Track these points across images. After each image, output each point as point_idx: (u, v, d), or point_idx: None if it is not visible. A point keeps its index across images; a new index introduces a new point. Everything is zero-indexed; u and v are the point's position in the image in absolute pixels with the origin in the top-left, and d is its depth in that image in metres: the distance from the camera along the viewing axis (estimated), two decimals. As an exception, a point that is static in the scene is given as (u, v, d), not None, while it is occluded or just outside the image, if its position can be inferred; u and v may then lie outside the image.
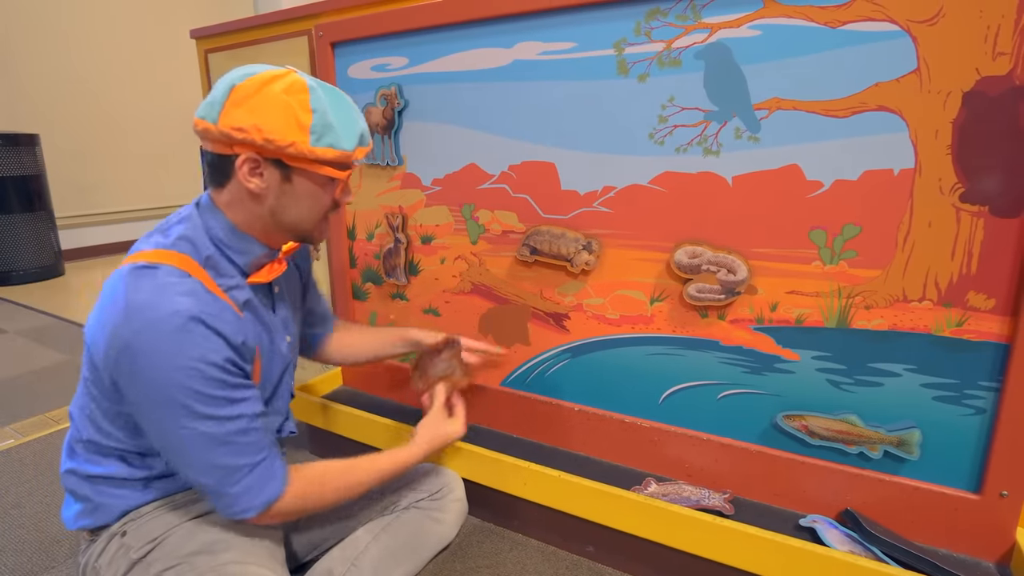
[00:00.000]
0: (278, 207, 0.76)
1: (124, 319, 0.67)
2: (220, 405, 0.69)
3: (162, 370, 0.66)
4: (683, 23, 0.90)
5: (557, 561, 1.06)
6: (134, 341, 0.66)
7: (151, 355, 0.66)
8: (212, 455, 0.70)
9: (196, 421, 0.68)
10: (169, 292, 0.67)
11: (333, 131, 0.72)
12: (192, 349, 0.66)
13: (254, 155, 0.71)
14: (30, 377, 1.98)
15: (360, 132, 0.76)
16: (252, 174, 0.73)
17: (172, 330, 0.66)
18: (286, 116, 0.69)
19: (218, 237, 0.76)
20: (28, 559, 1.09)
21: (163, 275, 0.69)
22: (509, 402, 1.21)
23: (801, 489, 0.95)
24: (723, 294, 0.94)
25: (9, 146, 3.15)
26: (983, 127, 0.75)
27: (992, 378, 0.80)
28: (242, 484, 0.71)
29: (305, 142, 0.70)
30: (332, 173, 0.75)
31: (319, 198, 0.77)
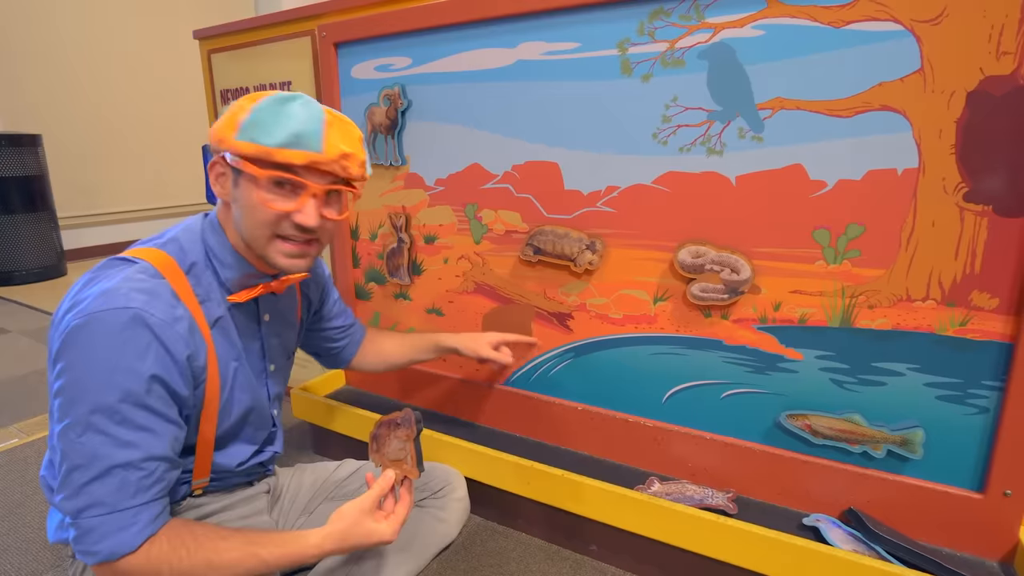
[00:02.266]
0: (236, 216, 0.74)
1: (75, 302, 0.65)
2: (121, 425, 0.62)
3: (88, 363, 0.61)
4: (686, 23, 0.90)
5: (560, 560, 1.06)
6: (75, 325, 0.62)
7: (84, 345, 0.62)
8: (82, 474, 0.61)
9: (88, 431, 0.61)
10: (129, 287, 0.65)
11: (259, 126, 0.68)
12: (126, 352, 0.62)
13: (219, 159, 0.72)
14: (33, 377, 1.99)
15: (295, 131, 0.68)
16: (218, 179, 0.74)
17: (115, 325, 0.62)
18: (230, 115, 0.70)
19: (211, 247, 0.76)
20: (33, 558, 1.09)
21: (134, 271, 0.68)
22: (513, 401, 1.21)
23: (805, 488, 0.95)
24: (726, 294, 0.94)
25: (12, 146, 3.15)
26: (987, 127, 0.75)
27: (996, 377, 0.80)
28: (97, 520, 0.62)
29: (231, 137, 0.69)
30: (251, 169, 0.69)
31: (255, 204, 0.71)
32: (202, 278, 0.74)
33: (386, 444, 0.86)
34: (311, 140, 0.69)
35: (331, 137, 0.70)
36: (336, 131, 0.72)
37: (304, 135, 0.68)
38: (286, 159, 0.68)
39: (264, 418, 0.87)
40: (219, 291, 0.76)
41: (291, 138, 0.68)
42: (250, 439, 0.85)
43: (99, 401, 0.61)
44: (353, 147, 0.73)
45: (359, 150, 0.75)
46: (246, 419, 0.82)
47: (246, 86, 1.53)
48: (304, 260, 0.76)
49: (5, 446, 1.51)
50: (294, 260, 0.75)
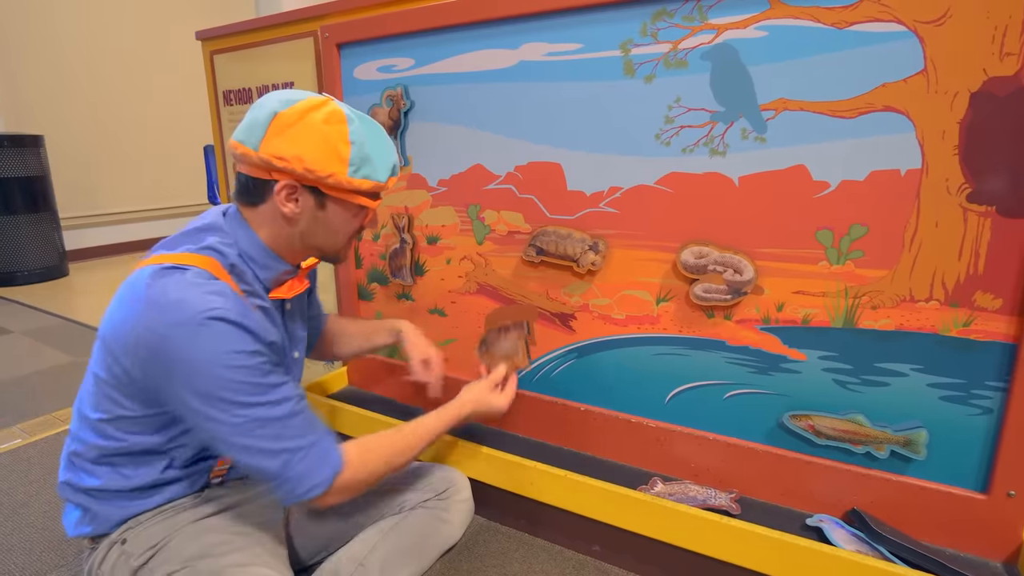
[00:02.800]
0: (308, 231, 0.79)
1: (156, 316, 0.67)
2: (264, 391, 0.70)
3: (203, 365, 0.67)
4: (689, 24, 0.90)
5: (563, 561, 1.07)
6: (170, 338, 0.66)
7: (190, 351, 0.66)
8: (269, 441, 0.70)
9: (248, 409, 0.69)
10: (199, 290, 0.68)
11: (370, 163, 0.75)
12: (226, 344, 0.67)
13: (292, 182, 0.74)
14: (36, 377, 1.99)
15: (393, 164, 0.79)
16: (288, 199, 0.76)
17: (206, 326, 0.66)
18: (326, 147, 0.73)
19: (245, 250, 0.78)
20: (37, 558, 1.10)
21: (192, 276, 0.70)
22: (516, 402, 1.21)
23: (808, 489, 0.95)
24: (729, 294, 0.94)
25: (14, 147, 3.16)
26: (990, 127, 0.76)
27: (999, 378, 0.81)
28: (303, 465, 0.72)
29: (344, 173, 0.74)
30: (365, 203, 0.78)
31: (349, 224, 0.81)
32: (243, 278, 0.78)
33: (495, 345, 1.08)
34: (397, 167, 0.81)
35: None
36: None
37: (396, 165, 0.80)
38: (390, 187, 0.81)
39: None
40: (260, 289, 0.81)
41: (392, 170, 0.80)
42: None
43: (232, 386, 0.68)
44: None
45: None
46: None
47: (248, 87, 1.54)
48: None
49: (8, 446, 1.51)
50: (350, 252, 0.88)
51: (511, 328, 1.08)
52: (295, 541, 0.94)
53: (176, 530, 0.78)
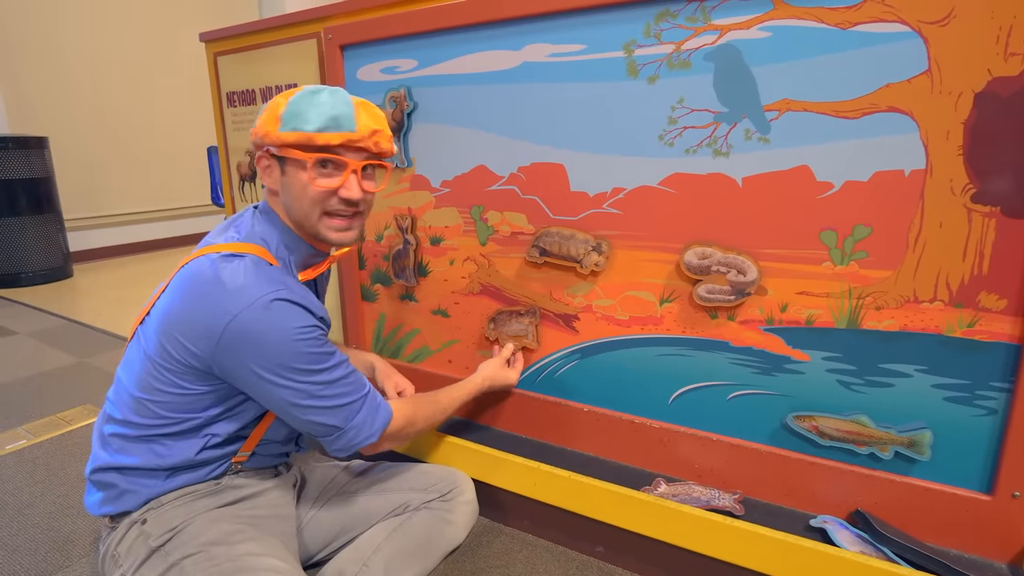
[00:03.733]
0: (286, 203, 0.84)
1: (227, 299, 0.74)
2: (326, 359, 0.79)
3: (273, 342, 0.74)
4: (693, 25, 0.90)
5: (567, 561, 1.07)
6: (242, 319, 0.73)
7: (261, 331, 0.74)
8: (332, 400, 0.79)
9: (313, 375, 0.77)
10: (262, 275, 0.76)
11: (300, 116, 0.77)
12: (292, 321, 0.75)
13: (264, 153, 0.82)
14: (40, 379, 2.00)
15: (330, 115, 0.78)
16: (265, 173, 0.84)
17: (272, 308, 0.74)
18: (269, 111, 0.80)
19: (276, 235, 0.85)
20: (43, 558, 1.10)
21: (251, 262, 0.77)
22: (519, 403, 1.22)
23: (811, 490, 0.95)
24: (733, 295, 0.94)
25: (18, 149, 3.17)
26: (994, 128, 0.75)
27: (1004, 379, 0.80)
28: (360, 415, 0.82)
29: (275, 129, 0.78)
30: (297, 155, 0.79)
31: (303, 186, 0.81)
32: (283, 262, 0.85)
33: (506, 324, 1.19)
34: (345, 121, 0.78)
35: (361, 117, 0.80)
36: (364, 111, 0.81)
37: (338, 117, 0.78)
38: (326, 141, 0.78)
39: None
40: (293, 271, 0.87)
41: (328, 121, 0.77)
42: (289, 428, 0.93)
43: (303, 358, 0.76)
44: (381, 124, 0.83)
45: (386, 127, 0.84)
46: None
47: (252, 88, 1.54)
48: (352, 232, 0.86)
49: (13, 447, 1.52)
50: (343, 233, 0.85)
51: (524, 313, 1.16)
52: (304, 533, 0.95)
53: (195, 515, 0.81)
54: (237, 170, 1.66)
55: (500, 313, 1.20)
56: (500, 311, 1.20)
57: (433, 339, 1.32)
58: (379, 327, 1.41)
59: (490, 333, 1.22)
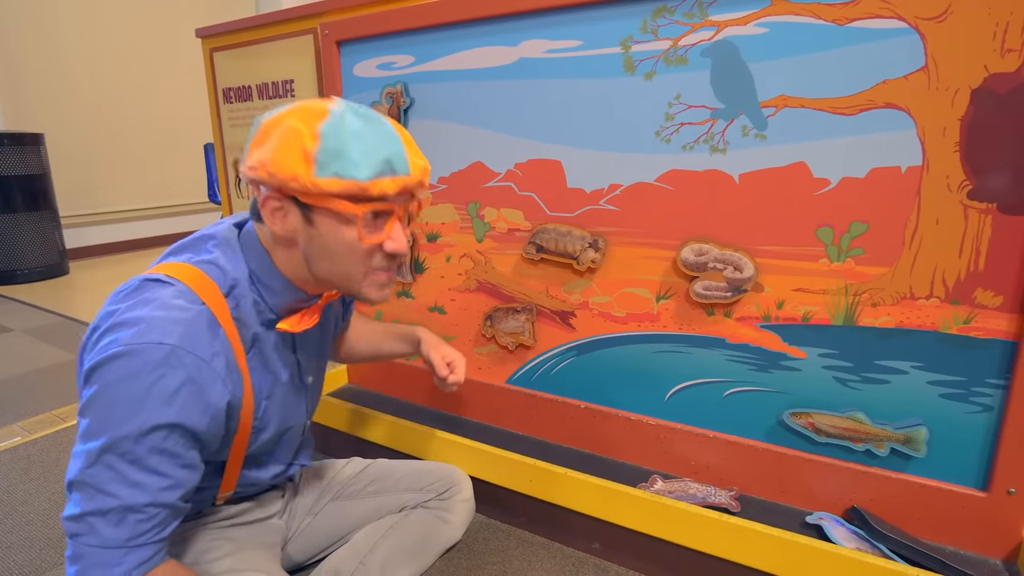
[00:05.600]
0: (310, 254, 0.68)
1: (113, 324, 0.60)
2: (133, 464, 0.58)
3: (115, 395, 0.57)
4: (690, 21, 0.90)
5: (563, 558, 1.07)
6: (111, 354, 0.58)
7: (116, 377, 0.58)
8: (87, 500, 0.58)
9: (100, 461, 0.57)
10: (168, 317, 0.60)
11: (343, 158, 0.61)
12: (153, 393, 0.58)
13: (274, 194, 0.64)
14: (35, 375, 1.99)
15: (384, 158, 0.62)
16: (275, 216, 0.65)
17: (148, 361, 0.57)
18: (290, 145, 0.61)
19: (254, 270, 0.70)
20: (37, 555, 1.10)
21: (172, 294, 0.62)
22: (515, 399, 1.21)
23: (808, 486, 0.95)
24: (729, 292, 0.94)
25: (14, 145, 3.15)
26: (991, 124, 0.75)
27: (999, 375, 0.80)
28: (86, 549, 0.58)
29: (308, 173, 0.61)
30: (344, 208, 0.62)
31: (349, 243, 0.65)
32: (242, 301, 0.69)
33: (502, 321, 1.18)
34: (399, 163, 0.64)
35: (410, 154, 0.66)
36: (409, 146, 0.66)
37: (392, 160, 0.63)
38: (382, 191, 0.63)
39: (297, 434, 0.85)
40: (259, 313, 0.71)
41: (383, 166, 0.62)
42: (280, 458, 0.83)
43: (117, 436, 0.57)
44: (426, 160, 0.69)
45: (426, 161, 0.70)
46: (280, 438, 0.80)
47: (248, 84, 1.54)
48: (389, 288, 0.72)
49: (8, 444, 1.51)
50: (384, 290, 0.71)
51: (520, 310, 1.15)
52: (299, 540, 0.94)
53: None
54: (234, 167, 1.66)
55: (496, 310, 1.20)
56: (496, 308, 1.20)
57: (430, 336, 1.32)
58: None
59: (486, 330, 1.21)
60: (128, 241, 4.25)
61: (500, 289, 1.19)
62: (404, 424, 1.20)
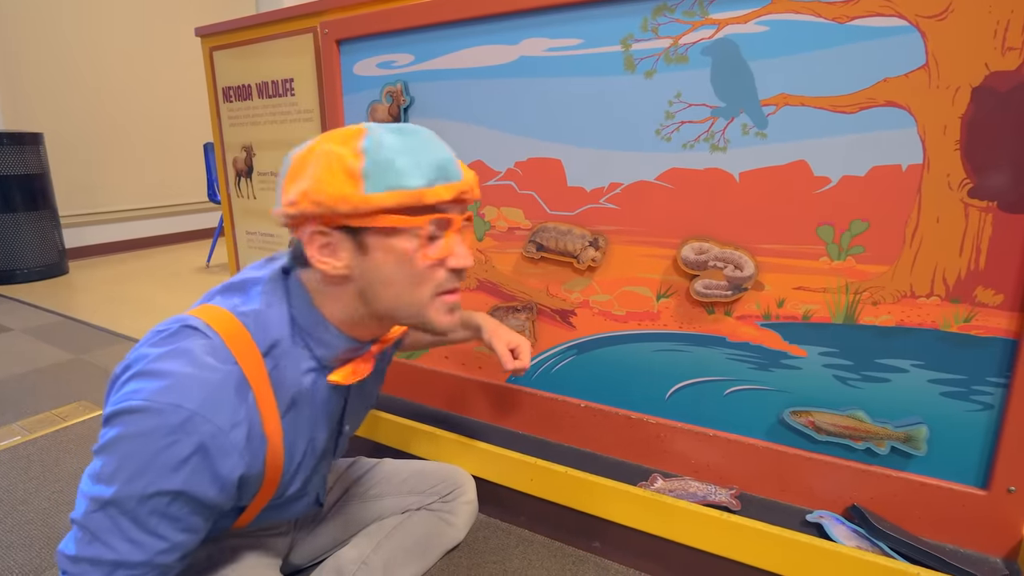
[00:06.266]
0: (367, 289, 0.62)
1: (139, 371, 0.57)
2: (134, 523, 0.56)
3: (127, 450, 0.55)
4: (690, 19, 0.90)
5: (563, 557, 1.07)
6: (131, 406, 0.55)
7: (131, 431, 0.55)
8: (85, 545, 0.56)
9: (103, 510, 0.55)
10: (194, 377, 0.56)
11: (392, 169, 0.56)
12: (163, 457, 0.54)
13: (319, 228, 0.59)
14: (35, 375, 1.99)
15: (435, 164, 0.58)
16: (323, 253, 0.60)
17: (164, 424, 0.54)
18: (333, 168, 0.56)
19: (301, 325, 0.64)
20: (36, 554, 1.10)
21: (204, 350, 0.58)
22: (515, 398, 1.21)
23: (808, 485, 0.95)
24: (730, 290, 0.94)
25: (13, 145, 3.15)
26: (992, 122, 0.75)
27: (1000, 374, 0.80)
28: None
29: (357, 192, 0.56)
30: (403, 223, 0.58)
31: (410, 264, 0.60)
32: (283, 360, 0.63)
33: (503, 320, 1.17)
34: (451, 168, 0.60)
35: (459, 161, 0.63)
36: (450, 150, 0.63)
37: (444, 164, 0.59)
38: (437, 198, 0.58)
39: (323, 477, 0.81)
40: (305, 367, 0.66)
41: (436, 172, 0.58)
42: (304, 500, 0.80)
43: (122, 492, 0.55)
44: (467, 167, 0.65)
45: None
46: (304, 489, 0.76)
47: (248, 83, 1.53)
48: (459, 312, 0.66)
49: (7, 444, 1.51)
50: (454, 314, 0.65)
51: (520, 309, 1.16)
52: (303, 544, 0.94)
53: None
54: (233, 166, 1.66)
55: (497, 309, 1.20)
56: (497, 307, 1.19)
57: (430, 335, 1.32)
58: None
59: None
60: (127, 240, 4.25)
61: (500, 288, 1.19)
62: (405, 423, 1.20)
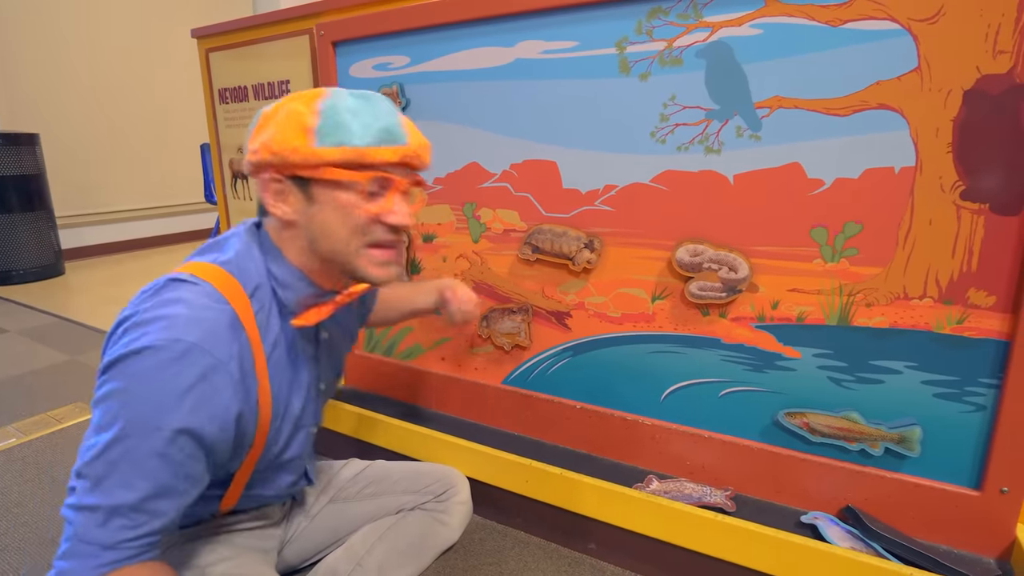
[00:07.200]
0: (313, 235, 0.67)
1: (137, 321, 0.59)
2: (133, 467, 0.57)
3: (128, 391, 0.57)
4: (684, 22, 0.90)
5: (559, 559, 1.07)
6: (131, 350, 0.57)
7: (131, 373, 0.57)
8: (84, 492, 0.58)
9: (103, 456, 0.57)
10: (190, 315, 0.60)
11: (342, 128, 0.62)
12: (166, 391, 0.57)
13: (274, 176, 0.65)
14: (31, 377, 1.98)
15: (383, 127, 0.64)
16: (275, 199, 0.67)
17: (165, 358, 0.57)
18: (291, 123, 0.63)
19: (269, 267, 0.70)
20: (31, 558, 1.09)
21: (198, 293, 0.62)
22: (511, 400, 1.21)
23: (802, 486, 0.95)
24: (724, 292, 0.94)
25: (9, 145, 3.14)
26: (983, 125, 0.76)
27: (992, 375, 0.81)
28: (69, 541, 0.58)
29: (308, 145, 0.62)
30: (344, 176, 0.63)
31: (349, 216, 0.65)
32: (265, 302, 0.69)
33: (498, 322, 1.19)
34: (397, 132, 0.65)
35: (408, 128, 0.67)
36: (405, 120, 0.68)
37: (391, 129, 0.64)
38: (381, 158, 0.64)
39: (309, 443, 0.83)
40: (279, 314, 0.71)
41: (382, 134, 0.63)
42: (292, 469, 0.81)
43: (124, 431, 0.57)
44: (425, 138, 0.70)
45: (426, 140, 0.70)
46: (289, 450, 0.77)
47: (244, 85, 1.53)
48: (396, 268, 0.70)
49: (3, 446, 1.50)
50: (387, 269, 0.69)
51: (516, 310, 1.16)
52: (297, 543, 0.94)
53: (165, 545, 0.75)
54: (230, 167, 1.65)
55: (492, 311, 1.20)
56: (492, 309, 1.20)
57: (425, 337, 1.32)
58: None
59: (482, 331, 1.22)
60: (124, 241, 4.24)
61: (496, 290, 1.19)
62: (401, 425, 1.20)
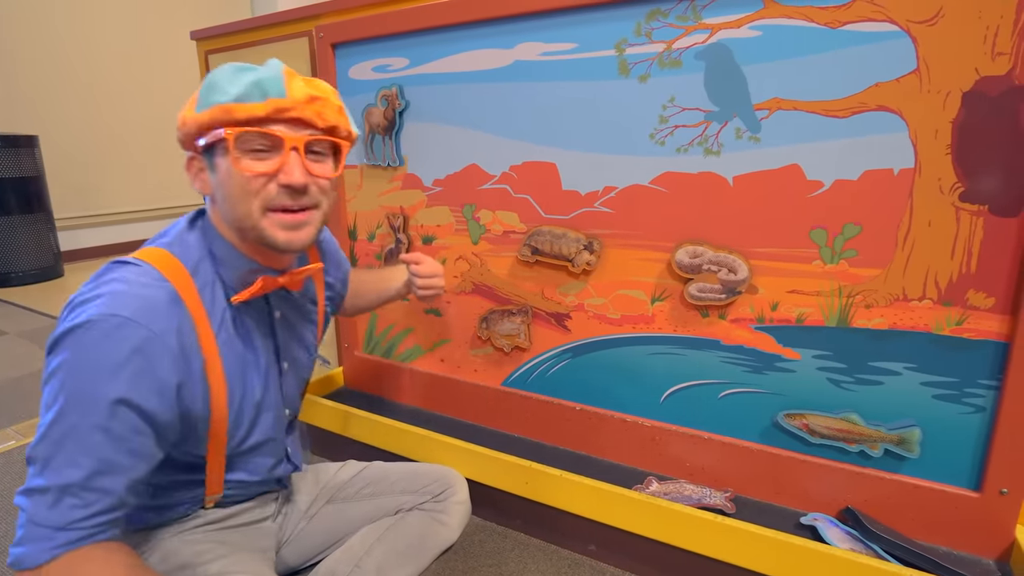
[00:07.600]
0: (221, 205, 0.68)
1: (75, 303, 0.61)
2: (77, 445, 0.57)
3: (68, 369, 0.58)
4: (683, 24, 0.90)
5: (559, 560, 1.07)
6: (67, 328, 0.58)
7: (70, 349, 0.58)
8: (34, 474, 0.58)
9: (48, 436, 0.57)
10: (127, 291, 0.61)
11: (215, 89, 0.63)
12: (101, 365, 0.57)
13: (190, 154, 0.68)
14: (29, 379, 1.98)
15: (252, 82, 0.62)
16: (195, 177, 0.69)
17: (99, 333, 0.57)
18: (189, 99, 0.66)
19: (211, 246, 0.72)
20: (30, 560, 1.09)
21: (136, 273, 0.64)
22: (511, 402, 1.21)
23: (802, 487, 0.95)
24: (724, 293, 0.94)
25: (8, 148, 3.14)
26: (982, 127, 0.76)
27: (992, 376, 0.81)
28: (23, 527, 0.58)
29: (192, 112, 0.64)
30: (215, 136, 0.64)
31: (233, 177, 0.65)
32: (208, 280, 0.70)
33: (498, 324, 1.19)
34: (271, 87, 0.63)
35: (294, 82, 0.65)
36: (299, 80, 0.66)
37: (262, 82, 0.63)
38: (248, 113, 0.62)
39: (280, 426, 0.82)
40: (224, 292, 0.72)
41: (248, 88, 0.62)
42: (268, 452, 0.81)
43: (65, 407, 0.57)
44: (324, 93, 0.67)
45: (335, 98, 0.68)
46: (255, 429, 0.78)
47: (243, 87, 1.53)
48: (304, 231, 0.68)
49: (2, 448, 1.50)
50: (292, 232, 0.67)
51: (516, 312, 1.15)
52: (294, 544, 0.94)
53: (160, 540, 0.76)
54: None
55: (492, 312, 1.20)
56: (492, 310, 1.20)
57: (425, 338, 1.32)
58: (371, 326, 1.41)
59: (482, 332, 1.22)
60: (123, 243, 4.23)
61: (495, 291, 1.19)
62: (400, 427, 1.20)
